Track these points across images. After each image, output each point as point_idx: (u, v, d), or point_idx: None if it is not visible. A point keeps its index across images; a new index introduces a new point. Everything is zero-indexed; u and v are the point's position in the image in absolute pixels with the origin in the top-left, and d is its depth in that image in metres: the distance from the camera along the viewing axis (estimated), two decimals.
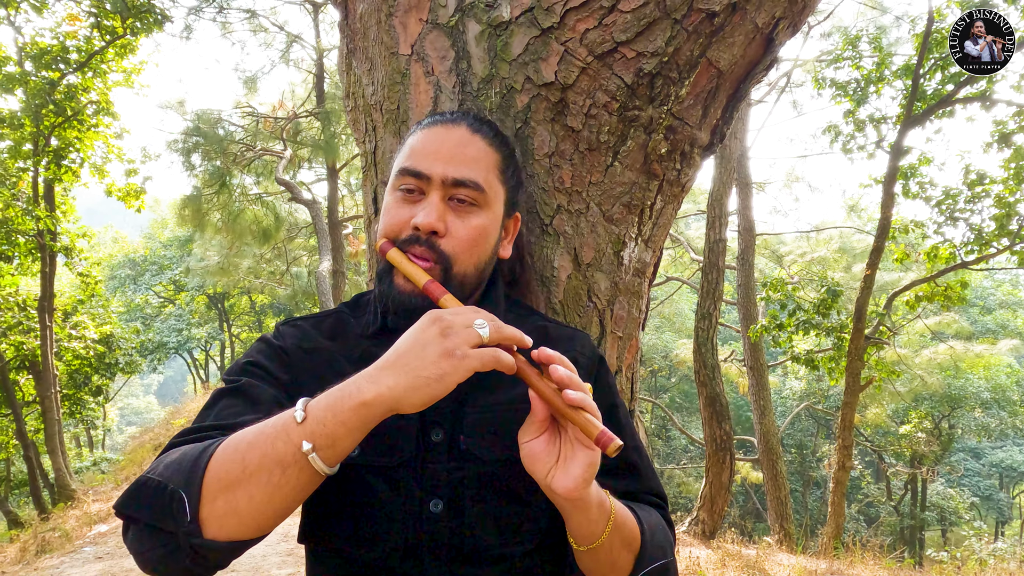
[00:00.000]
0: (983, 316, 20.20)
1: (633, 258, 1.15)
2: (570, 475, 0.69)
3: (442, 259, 0.82)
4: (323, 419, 0.64)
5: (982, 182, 9.52)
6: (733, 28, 1.02)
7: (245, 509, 0.63)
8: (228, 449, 0.65)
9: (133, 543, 0.67)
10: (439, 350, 0.65)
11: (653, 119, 1.06)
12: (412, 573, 0.78)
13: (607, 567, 0.78)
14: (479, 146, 0.87)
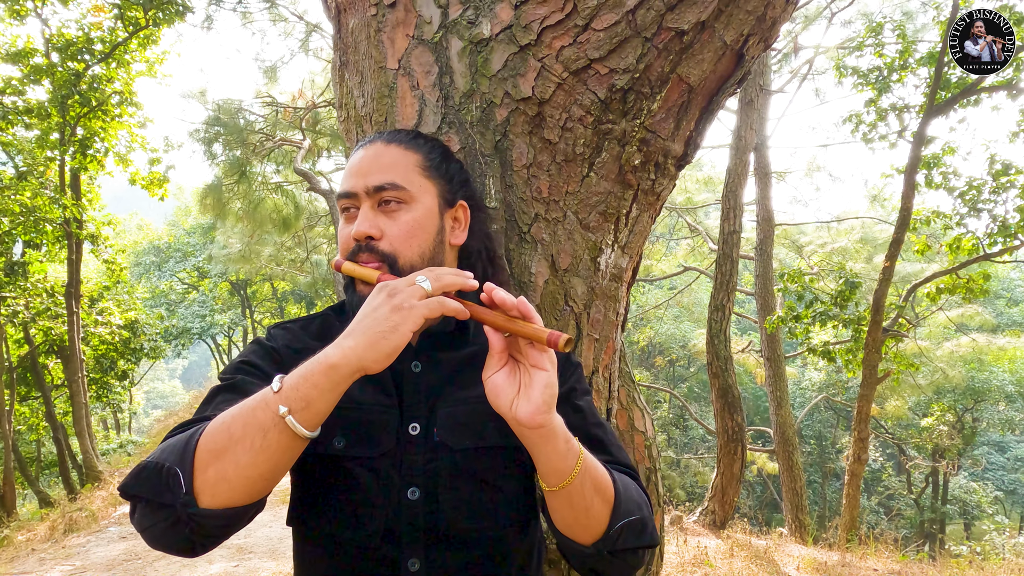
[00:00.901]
0: (1009, 308, 19.83)
1: (610, 264, 1.20)
2: (532, 400, 0.74)
3: (385, 257, 0.91)
4: (296, 385, 0.71)
5: (1007, 172, 9.34)
6: (702, 45, 1.06)
7: (233, 474, 0.70)
8: (215, 424, 0.73)
9: (139, 520, 0.74)
10: (388, 308, 0.73)
11: (627, 132, 1.11)
12: (392, 554, 0.86)
13: (583, 514, 0.81)
14: (393, 153, 0.95)
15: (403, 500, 0.86)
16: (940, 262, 12.63)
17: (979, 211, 9.55)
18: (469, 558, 0.88)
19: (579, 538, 0.83)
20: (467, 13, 1.15)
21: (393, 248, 0.91)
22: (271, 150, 10.17)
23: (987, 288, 9.71)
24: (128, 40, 11.17)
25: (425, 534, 0.86)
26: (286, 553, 4.96)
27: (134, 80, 11.94)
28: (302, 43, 12.12)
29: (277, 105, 10.83)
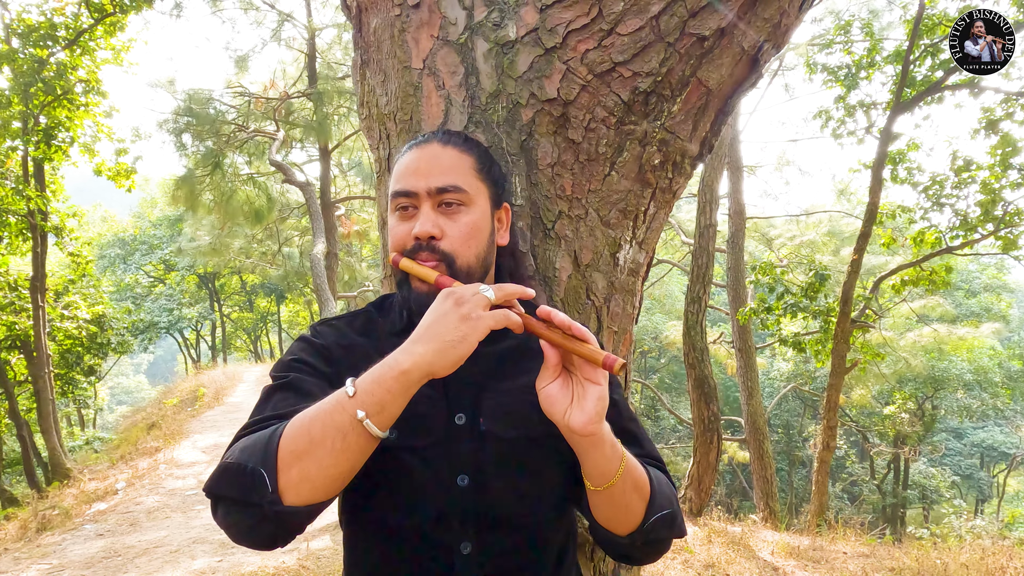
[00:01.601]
0: (968, 299, 20.50)
1: (628, 259, 1.25)
2: (585, 411, 0.80)
3: (445, 257, 0.94)
4: (371, 390, 0.75)
5: (969, 168, 9.65)
6: (722, 51, 1.11)
7: (316, 474, 0.74)
8: (294, 427, 0.76)
9: (224, 519, 0.78)
10: (456, 317, 0.77)
11: (647, 133, 1.15)
12: (445, 538, 0.90)
13: (622, 510, 0.88)
14: (451, 155, 0.98)
15: (453, 487, 0.91)
16: (904, 255, 13.00)
17: (942, 206, 9.85)
18: (515, 541, 0.93)
19: (616, 530, 0.90)
20: (492, 15, 1.18)
21: (452, 248, 0.95)
22: (244, 141, 10.01)
23: (949, 280, 10.03)
24: (93, 27, 10.87)
25: (475, 519, 0.91)
26: None
27: (100, 68, 11.63)
28: (274, 32, 11.93)
29: (250, 95, 10.66)
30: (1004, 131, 9.31)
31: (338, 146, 12.38)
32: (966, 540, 8.60)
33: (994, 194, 9.58)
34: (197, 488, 7.15)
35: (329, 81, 10.88)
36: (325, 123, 11.13)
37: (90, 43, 11.25)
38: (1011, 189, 9.64)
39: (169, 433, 10.57)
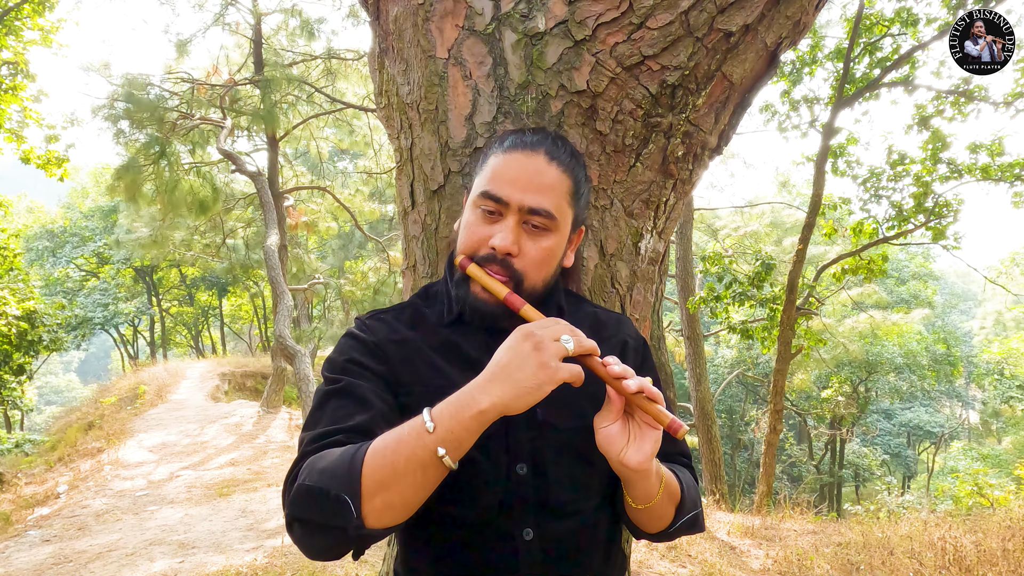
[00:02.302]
0: (898, 287, 21.59)
1: (649, 248, 1.28)
2: (642, 452, 0.85)
3: (515, 276, 0.95)
4: (450, 427, 0.77)
5: (903, 162, 10.14)
6: (746, 46, 1.14)
7: (398, 503, 0.78)
8: (376, 456, 0.78)
9: (302, 539, 0.80)
10: (535, 363, 0.78)
11: (672, 125, 1.19)
12: (507, 526, 0.93)
13: (656, 519, 0.96)
14: (554, 175, 0.96)
15: (512, 475, 0.93)
16: (843, 245, 13.59)
17: (879, 198, 10.33)
18: (572, 527, 0.96)
19: (646, 530, 1.00)
20: (519, 6, 1.18)
21: (524, 269, 0.95)
22: (190, 129, 9.64)
23: (885, 269, 10.54)
24: (19, 5, 10.26)
25: (535, 506, 0.93)
26: (232, 546, 4.83)
27: (27, 49, 11.00)
28: (217, 16, 11.51)
29: (193, 82, 10.27)
30: (935, 127, 9.81)
31: (287, 135, 12.07)
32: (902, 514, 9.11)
33: (925, 187, 10.09)
34: (148, 489, 6.91)
35: (277, 68, 10.58)
36: (273, 111, 10.82)
37: (16, 22, 10.62)
38: (940, 182, 10.18)
39: (111, 433, 10.15)
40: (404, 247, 1.33)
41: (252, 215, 16.06)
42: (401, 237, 1.35)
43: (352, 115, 14.20)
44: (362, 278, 15.32)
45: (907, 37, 9.41)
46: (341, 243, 21.18)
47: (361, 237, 20.54)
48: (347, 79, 13.63)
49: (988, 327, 27.11)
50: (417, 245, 1.29)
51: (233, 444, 9.15)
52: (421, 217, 1.27)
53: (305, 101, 12.07)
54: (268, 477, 7.20)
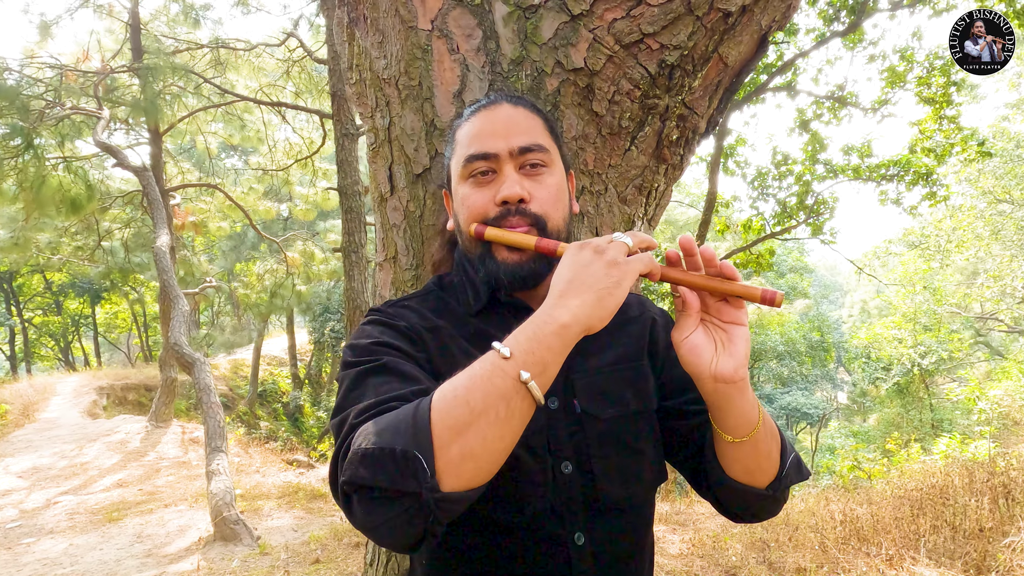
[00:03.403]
0: (778, 280, 23.17)
1: None
2: (735, 356, 0.76)
3: (536, 221, 0.86)
4: (530, 349, 0.66)
5: (786, 162, 10.87)
6: (742, 28, 1.12)
7: (480, 449, 0.64)
8: (446, 399, 0.65)
9: (367, 515, 0.64)
10: (603, 263, 0.70)
11: (668, 108, 1.15)
12: (557, 531, 0.84)
13: (764, 458, 0.82)
14: (525, 115, 0.90)
15: (559, 475, 0.84)
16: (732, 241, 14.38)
17: (766, 196, 11.01)
18: (622, 525, 0.88)
19: (756, 482, 0.84)
20: None
21: (544, 211, 0.86)
22: (59, 119, 8.74)
23: (772, 262, 11.25)
24: None
25: (584, 506, 0.85)
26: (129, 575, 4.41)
27: None
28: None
29: (63, 68, 9.33)
30: (814, 130, 10.57)
31: (171, 128, 11.24)
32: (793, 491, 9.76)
33: (806, 185, 10.86)
34: (21, 519, 6.19)
35: (160, 56, 9.82)
36: (156, 102, 10.04)
37: None
38: (818, 181, 10.99)
39: None
40: (381, 237, 1.21)
41: (132, 215, 14.83)
42: (377, 226, 1.23)
43: (243, 108, 13.46)
44: (258, 281, 14.56)
45: (789, 45, 10.07)
46: (232, 244, 20.05)
47: (254, 238, 19.55)
48: (237, 70, 12.90)
49: (855, 315, 29.71)
50: (398, 234, 1.17)
51: (119, 463, 8.40)
52: (403, 204, 1.16)
53: (192, 93, 11.29)
54: (164, 497, 6.65)
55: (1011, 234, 19.40)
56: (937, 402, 18.10)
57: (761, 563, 4.44)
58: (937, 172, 10.01)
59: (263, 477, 7.61)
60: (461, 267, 0.96)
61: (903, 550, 4.20)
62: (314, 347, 22.07)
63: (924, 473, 6.44)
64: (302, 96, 12.99)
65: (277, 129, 14.52)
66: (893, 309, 20.73)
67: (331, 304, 19.86)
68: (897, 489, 5.77)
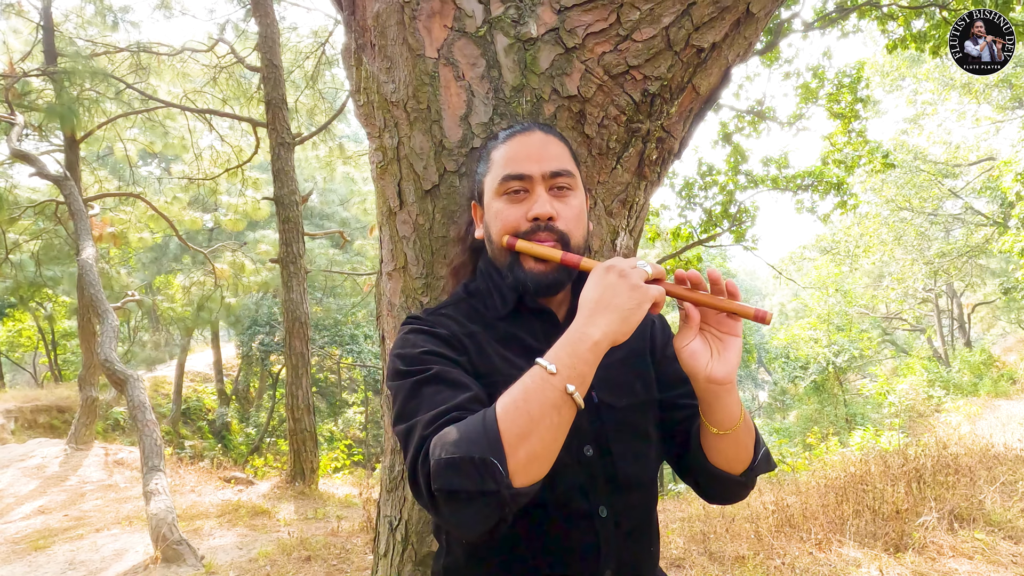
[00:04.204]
0: None
1: (623, 245, 1.38)
2: (728, 363, 0.90)
3: (561, 237, 0.99)
4: (572, 364, 0.79)
5: (711, 173, 11.40)
6: (712, 61, 1.28)
7: (541, 451, 0.77)
8: (508, 411, 0.77)
9: (453, 514, 0.77)
10: (627, 287, 0.83)
11: (649, 131, 1.29)
12: (584, 505, 0.96)
13: (742, 449, 0.97)
14: (555, 143, 1.04)
15: (583, 458, 0.97)
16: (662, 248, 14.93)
17: (693, 205, 11.51)
18: (636, 500, 1.01)
19: (733, 469, 0.99)
20: (509, 11, 1.22)
21: (568, 228, 0.99)
22: None
23: (699, 269, 11.76)
24: None
25: (605, 484, 0.98)
26: None
27: None
28: None
29: None
30: (736, 143, 11.15)
31: (89, 135, 10.73)
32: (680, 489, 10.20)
33: (729, 195, 11.42)
34: None
35: (78, 59, 9.39)
36: (74, 108, 9.59)
37: None
38: (740, 191, 11.57)
39: None
40: (390, 248, 1.29)
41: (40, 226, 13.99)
42: (385, 238, 1.31)
43: (165, 115, 12.98)
44: (184, 293, 14.01)
45: None
46: (153, 256, 19.18)
47: (176, 250, 18.77)
48: (160, 76, 12.45)
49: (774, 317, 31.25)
50: (408, 246, 1.26)
51: (38, 489, 7.92)
52: (412, 217, 1.25)
53: (111, 98, 10.82)
54: (93, 521, 6.34)
55: (912, 239, 20.96)
56: (850, 398, 19.28)
57: (703, 554, 4.67)
58: (847, 182, 10.75)
59: (199, 496, 7.36)
60: (487, 274, 1.06)
61: (830, 534, 4.52)
62: (242, 361, 21.34)
63: (844, 463, 6.90)
64: (229, 103, 12.65)
65: (201, 136, 14.07)
66: (809, 311, 21.96)
67: (260, 317, 19.27)
68: (822, 479, 6.17)
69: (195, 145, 13.17)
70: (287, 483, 7.84)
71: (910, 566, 3.82)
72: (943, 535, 4.22)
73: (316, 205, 20.01)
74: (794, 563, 4.05)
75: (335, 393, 22.37)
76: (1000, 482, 5.21)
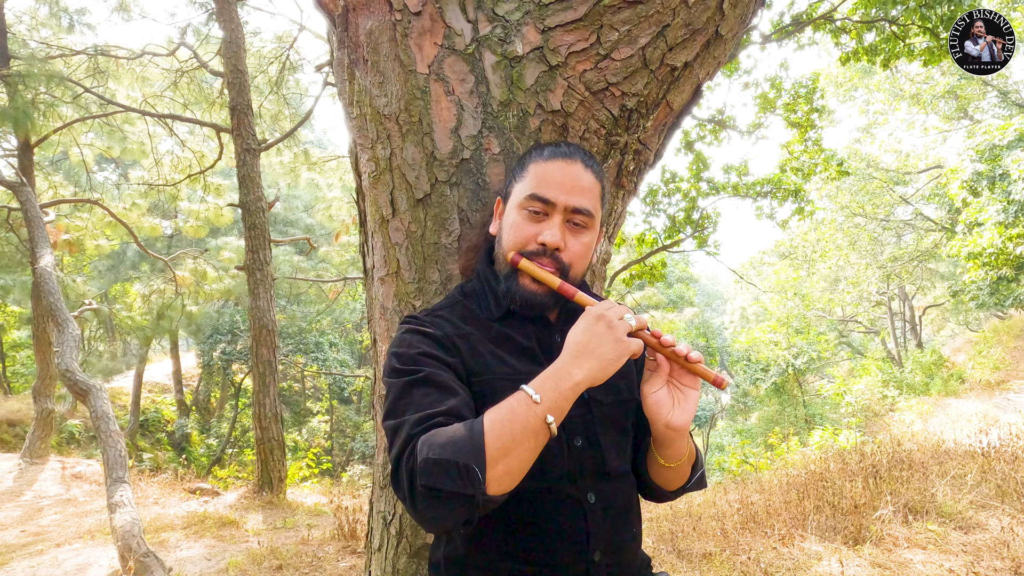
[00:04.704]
0: (667, 289, 24.52)
1: (601, 251, 1.46)
2: (686, 412, 1.01)
3: (563, 268, 1.08)
4: (554, 398, 0.89)
5: (674, 180, 11.66)
6: (685, 80, 1.37)
7: (516, 468, 0.87)
8: (495, 427, 0.87)
9: (427, 509, 0.85)
10: (612, 339, 0.93)
11: (627, 144, 1.37)
12: (573, 492, 1.04)
13: (680, 476, 1.12)
14: (590, 179, 1.10)
15: (573, 448, 1.05)
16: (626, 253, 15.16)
17: (657, 211, 11.74)
18: (620, 487, 1.10)
19: (666, 487, 1.13)
20: (496, 31, 1.29)
21: (571, 261, 1.08)
22: None
23: (664, 273, 12.00)
24: None
25: (593, 473, 1.06)
26: None
27: None
28: None
29: None
30: (698, 151, 11.42)
31: (44, 139, 10.46)
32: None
33: (692, 201, 11.68)
34: None
35: (35, 62, 9.16)
36: (28, 112, 9.34)
37: None
38: (702, 198, 11.85)
39: None
40: (383, 254, 1.35)
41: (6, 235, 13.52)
42: (377, 244, 1.37)
43: (123, 120, 12.71)
44: (144, 302, 13.70)
45: None
46: (109, 264, 18.69)
47: (134, 257, 18.34)
48: (119, 80, 12.19)
49: (736, 321, 31.95)
50: (400, 252, 1.32)
51: None
52: (404, 225, 1.31)
53: (68, 102, 10.57)
54: (53, 536, 6.17)
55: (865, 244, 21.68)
56: (809, 399, 19.80)
57: (671, 552, 4.78)
58: (804, 189, 11.10)
59: (163, 508, 7.22)
60: (484, 277, 1.13)
61: (793, 529, 4.69)
62: (202, 371, 20.88)
63: (805, 462, 7.13)
64: (191, 108, 12.45)
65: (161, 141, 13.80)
66: (769, 314, 22.49)
67: (221, 325, 18.90)
68: (784, 477, 6.37)
69: (155, 150, 12.90)
70: (254, 493, 7.74)
71: (868, 558, 3.98)
72: (898, 527, 4.42)
73: (280, 212, 19.76)
74: (759, 558, 4.18)
75: (299, 402, 22.07)
76: (950, 476, 5.45)
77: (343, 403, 22.43)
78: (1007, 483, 4.99)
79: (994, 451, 5.96)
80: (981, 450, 6.12)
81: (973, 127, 15.93)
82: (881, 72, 17.58)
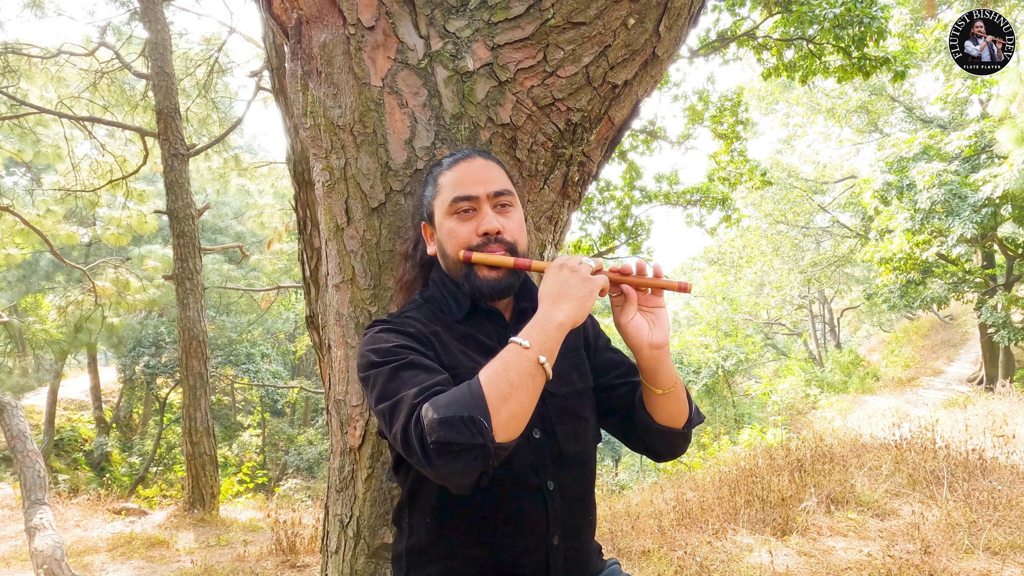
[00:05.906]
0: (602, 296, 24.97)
1: (549, 257, 1.52)
2: (663, 329, 1.10)
3: (510, 247, 1.15)
4: (542, 340, 0.95)
5: (609, 188, 11.95)
6: (625, 96, 1.45)
7: (519, 411, 0.91)
8: (492, 378, 0.91)
9: (446, 464, 0.88)
10: (579, 279, 1.01)
11: (572, 156, 1.45)
12: (534, 480, 1.11)
13: (682, 405, 1.16)
14: (493, 166, 1.19)
15: (532, 439, 1.11)
16: None
17: (593, 219, 12.00)
18: (578, 475, 1.17)
19: (675, 424, 1.16)
20: (448, 47, 1.34)
21: (514, 239, 1.14)
22: None
23: None
24: None
25: (551, 461, 1.12)
26: None
27: None
28: None
29: None
30: (631, 160, 11.75)
31: None
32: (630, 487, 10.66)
33: (626, 209, 12.00)
34: None
35: None
36: None
37: None
38: (636, 205, 12.19)
39: None
40: (337, 262, 1.37)
41: None
42: (332, 252, 1.39)
43: (36, 122, 12.05)
44: (60, 313, 12.96)
45: None
46: (20, 275, 17.59)
47: (48, 266, 17.34)
48: (31, 79, 11.56)
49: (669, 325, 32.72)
50: (356, 259, 1.35)
51: None
52: (359, 233, 1.34)
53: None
54: None
55: (788, 250, 22.75)
56: (738, 399, 20.58)
57: (611, 552, 4.90)
58: (731, 198, 11.58)
59: (85, 531, 6.86)
60: (441, 283, 1.18)
61: (725, 523, 4.89)
62: (124, 386, 19.87)
63: (735, 459, 7.42)
64: (111, 110, 11.92)
65: (78, 144, 13.13)
66: (699, 318, 23.26)
67: (145, 337, 18.07)
68: (716, 475, 6.62)
69: (72, 154, 12.26)
70: (185, 511, 7.46)
71: (795, 547, 4.21)
72: (822, 517, 4.68)
73: (208, 219, 19.08)
74: (694, 552, 4.35)
75: (229, 416, 21.31)
76: (867, 467, 5.81)
77: (276, 415, 21.79)
78: (918, 472, 5.37)
79: (906, 443, 6.38)
80: (895, 443, 6.54)
81: (883, 140, 17.00)
82: (800, 87, 18.56)
